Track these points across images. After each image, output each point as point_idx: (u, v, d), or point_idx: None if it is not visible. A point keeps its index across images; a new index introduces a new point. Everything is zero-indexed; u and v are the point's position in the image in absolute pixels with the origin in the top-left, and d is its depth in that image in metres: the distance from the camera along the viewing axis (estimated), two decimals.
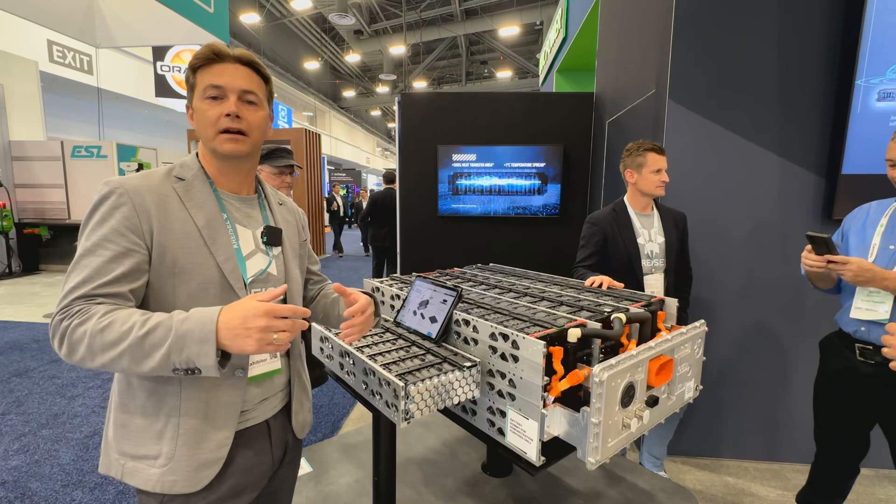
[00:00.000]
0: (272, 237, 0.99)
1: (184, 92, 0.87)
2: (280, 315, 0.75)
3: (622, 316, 1.21)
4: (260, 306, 0.73)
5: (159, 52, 10.18)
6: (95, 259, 0.79)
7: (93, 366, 0.75)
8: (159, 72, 10.28)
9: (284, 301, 0.99)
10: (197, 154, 0.97)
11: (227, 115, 0.88)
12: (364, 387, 1.21)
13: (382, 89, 22.06)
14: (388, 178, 6.02)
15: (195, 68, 0.89)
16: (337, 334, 1.40)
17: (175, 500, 0.87)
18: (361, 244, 11.06)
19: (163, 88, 10.34)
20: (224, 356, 0.75)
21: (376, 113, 27.63)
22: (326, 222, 9.10)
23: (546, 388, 1.03)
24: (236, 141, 0.90)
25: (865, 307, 1.47)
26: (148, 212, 0.83)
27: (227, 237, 0.91)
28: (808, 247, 1.48)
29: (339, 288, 1.00)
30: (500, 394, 1.13)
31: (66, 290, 0.78)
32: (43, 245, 7.67)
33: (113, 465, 0.89)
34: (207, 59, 0.88)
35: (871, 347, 1.47)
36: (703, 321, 1.32)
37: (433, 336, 1.29)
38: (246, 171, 0.98)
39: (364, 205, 7.11)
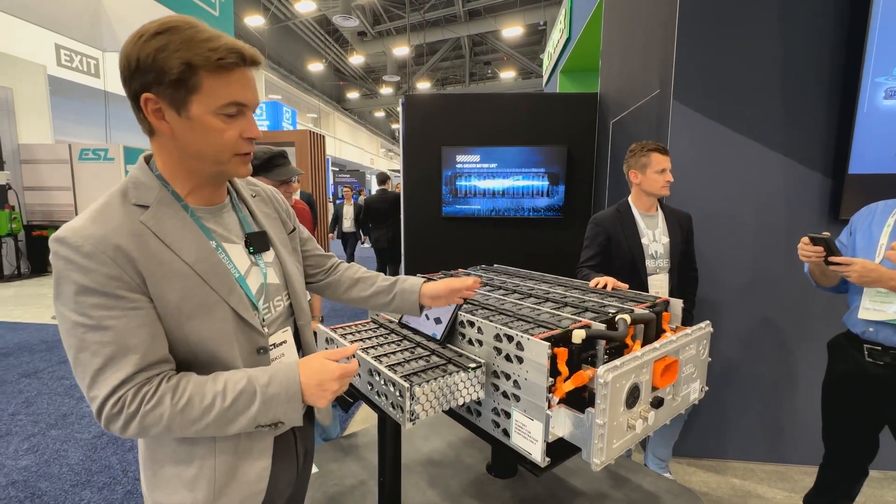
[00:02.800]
0: (258, 244, 0.87)
1: None
2: (350, 375, 0.80)
3: (627, 317, 1.21)
4: (335, 370, 0.78)
5: None
6: (106, 334, 0.68)
7: (164, 435, 0.75)
8: None
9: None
10: (147, 163, 0.78)
11: (248, 138, 0.75)
12: (369, 388, 1.22)
13: (386, 91, 22.11)
14: (381, 179, 6.07)
15: (195, 66, 0.68)
16: (343, 336, 1.41)
17: None
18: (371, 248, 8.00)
19: None
20: None
21: (380, 114, 27.71)
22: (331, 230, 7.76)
23: (551, 390, 1.03)
24: (248, 162, 0.79)
25: (873, 307, 1.46)
26: (132, 263, 0.69)
27: (223, 266, 0.79)
28: (805, 238, 1.47)
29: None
30: (504, 395, 1.13)
31: (94, 375, 0.68)
32: None
33: None
34: (229, 64, 0.69)
35: (879, 348, 1.46)
36: (708, 322, 1.32)
37: (438, 337, 1.30)
38: (225, 181, 0.87)
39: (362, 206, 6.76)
